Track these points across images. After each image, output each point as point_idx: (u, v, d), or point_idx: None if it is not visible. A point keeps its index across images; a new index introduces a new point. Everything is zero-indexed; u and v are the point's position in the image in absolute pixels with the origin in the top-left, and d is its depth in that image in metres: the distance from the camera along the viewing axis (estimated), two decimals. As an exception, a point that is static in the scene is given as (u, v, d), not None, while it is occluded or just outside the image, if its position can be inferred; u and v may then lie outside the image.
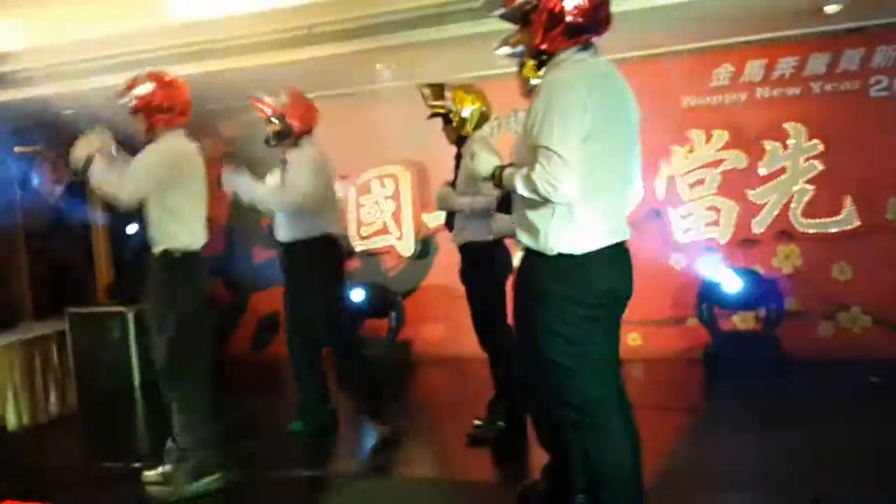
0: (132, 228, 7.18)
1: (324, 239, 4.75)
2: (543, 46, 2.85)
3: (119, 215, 6.18)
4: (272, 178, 4.81)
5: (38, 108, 6.38)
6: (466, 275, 4.59)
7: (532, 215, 2.87)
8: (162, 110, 4.04)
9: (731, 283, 5.90)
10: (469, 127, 4.46)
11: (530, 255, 2.92)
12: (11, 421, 5.82)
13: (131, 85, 4.08)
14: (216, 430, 4.14)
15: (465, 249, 4.56)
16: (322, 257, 4.78)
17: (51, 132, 6.60)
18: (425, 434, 5.03)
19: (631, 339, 6.32)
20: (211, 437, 4.12)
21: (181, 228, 4.07)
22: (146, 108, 4.03)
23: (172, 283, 4.07)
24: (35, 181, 5.21)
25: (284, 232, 4.79)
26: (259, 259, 7.51)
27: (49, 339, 6.40)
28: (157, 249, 4.07)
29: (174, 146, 4.07)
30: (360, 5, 4.89)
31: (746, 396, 5.22)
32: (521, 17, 2.88)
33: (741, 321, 6.16)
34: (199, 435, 4.08)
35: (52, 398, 6.35)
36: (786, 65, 5.96)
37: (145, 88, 4.03)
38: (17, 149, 7.30)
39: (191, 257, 4.10)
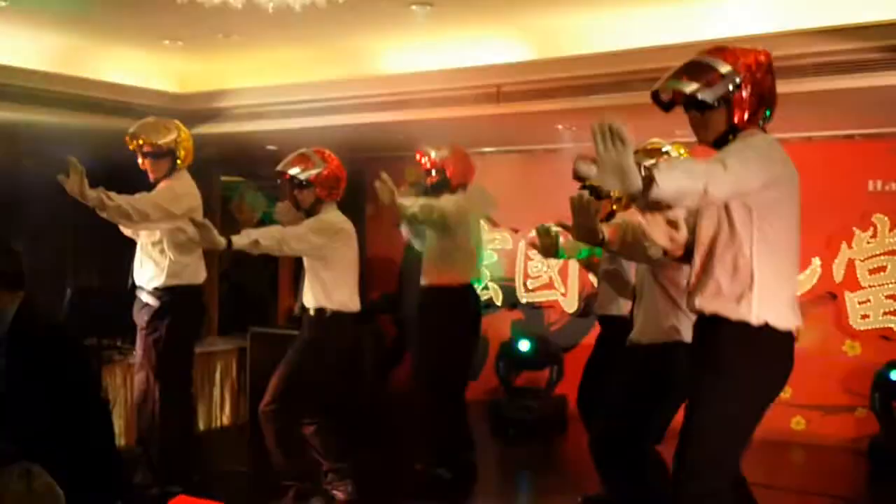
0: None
1: (466, 289, 5.04)
2: (741, 124, 2.81)
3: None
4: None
5: (244, 141, 6.99)
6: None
7: (734, 279, 2.78)
8: (327, 186, 4.46)
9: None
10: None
11: (715, 323, 2.82)
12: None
13: (303, 160, 4.49)
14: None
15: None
16: (462, 307, 5.06)
17: (253, 165, 7.22)
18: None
19: (795, 422, 6.13)
20: None
21: (337, 292, 4.50)
22: (317, 183, 4.44)
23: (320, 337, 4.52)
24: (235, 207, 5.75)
25: (426, 277, 5.09)
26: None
27: (230, 354, 6.94)
28: (312, 306, 4.49)
29: (335, 220, 4.51)
30: (547, 69, 5.12)
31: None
32: (719, 100, 2.80)
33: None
34: None
35: (227, 408, 6.86)
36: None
37: (320, 166, 4.44)
38: (222, 177, 8.02)
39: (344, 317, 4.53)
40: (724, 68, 2.79)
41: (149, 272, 4.68)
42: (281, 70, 6.01)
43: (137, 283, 4.73)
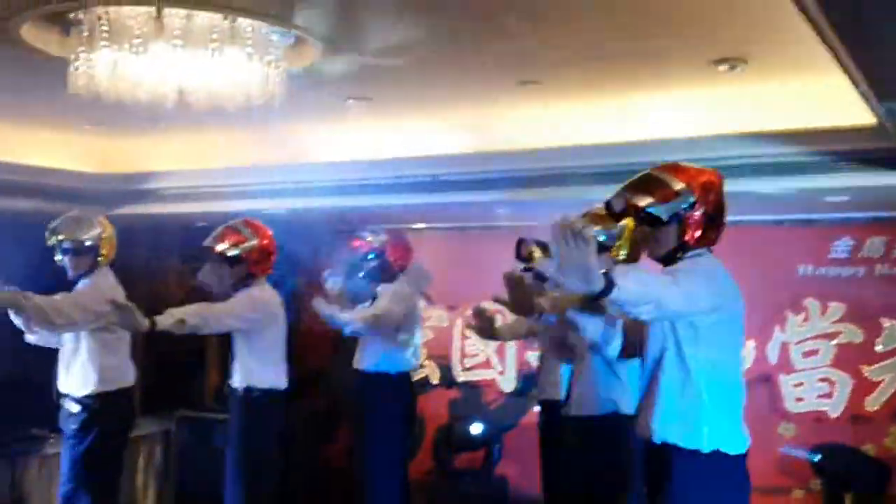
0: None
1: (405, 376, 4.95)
2: (692, 242, 2.83)
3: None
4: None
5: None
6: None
7: (682, 403, 2.76)
8: (259, 261, 4.34)
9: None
10: None
11: (665, 450, 2.79)
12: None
13: (232, 234, 4.34)
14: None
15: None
16: (402, 392, 4.98)
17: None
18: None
19: (731, 504, 6.11)
20: None
21: (265, 370, 4.38)
22: (248, 259, 4.30)
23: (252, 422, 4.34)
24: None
25: (367, 360, 4.98)
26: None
27: (154, 438, 6.67)
28: (240, 385, 4.32)
29: (267, 296, 4.44)
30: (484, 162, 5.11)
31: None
32: (671, 217, 2.81)
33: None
34: None
35: (150, 496, 6.57)
36: (908, 244, 5.85)
37: (252, 239, 4.30)
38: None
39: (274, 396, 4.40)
40: (678, 185, 2.80)
41: (75, 379, 4.43)
42: (212, 152, 5.87)
43: (62, 391, 4.47)
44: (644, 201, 2.80)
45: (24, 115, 5.36)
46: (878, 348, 5.83)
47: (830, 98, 4.11)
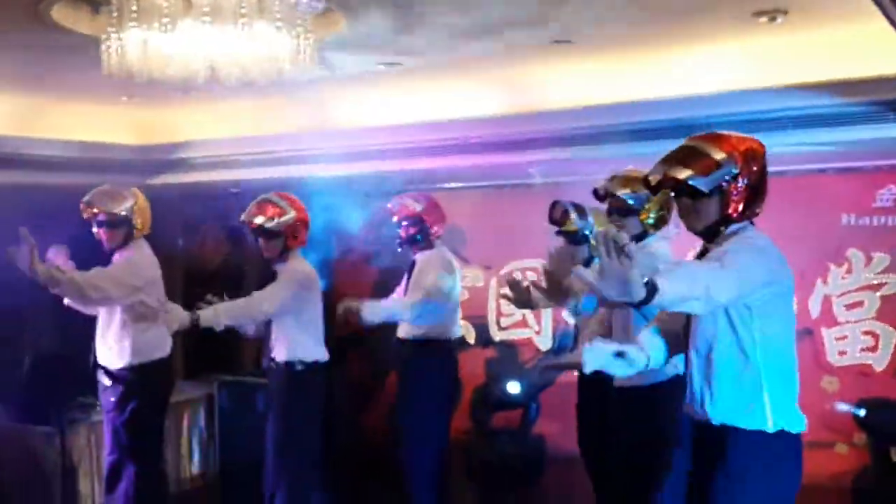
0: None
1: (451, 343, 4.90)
2: (735, 216, 2.74)
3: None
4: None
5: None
6: None
7: (742, 385, 2.71)
8: (295, 234, 4.32)
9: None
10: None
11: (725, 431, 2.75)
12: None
13: (270, 208, 4.31)
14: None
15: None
16: (448, 361, 4.92)
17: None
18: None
19: (772, 459, 6.09)
20: None
21: (306, 344, 4.40)
22: (287, 231, 4.29)
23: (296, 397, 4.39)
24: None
25: (413, 329, 4.88)
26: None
27: (198, 402, 6.76)
28: (283, 360, 4.33)
29: (306, 269, 4.44)
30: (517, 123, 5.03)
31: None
32: (713, 189, 2.71)
33: (896, 453, 5.84)
34: None
35: (196, 459, 6.68)
36: (955, 189, 5.71)
37: (289, 213, 4.28)
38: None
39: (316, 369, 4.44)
40: (719, 155, 2.69)
41: (112, 352, 4.48)
42: (244, 120, 5.85)
43: (100, 362, 4.53)
44: (684, 174, 2.69)
45: (60, 91, 5.37)
46: (925, 299, 5.73)
47: (872, 46, 4.00)
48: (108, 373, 4.49)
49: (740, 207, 2.72)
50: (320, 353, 4.48)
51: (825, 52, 4.28)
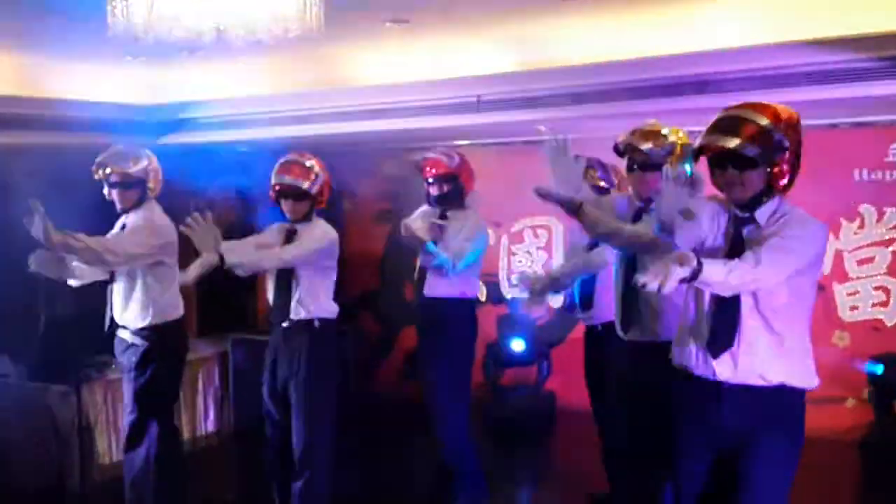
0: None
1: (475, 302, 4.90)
2: (779, 189, 2.74)
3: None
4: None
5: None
6: None
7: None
8: (322, 195, 4.31)
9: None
10: None
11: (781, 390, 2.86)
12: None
13: (302, 170, 4.28)
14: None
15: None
16: (471, 318, 4.92)
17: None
18: None
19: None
20: None
21: (323, 301, 4.38)
22: (317, 194, 4.27)
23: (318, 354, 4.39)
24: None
25: (442, 287, 4.82)
26: (410, 295, 7.71)
27: (211, 359, 6.83)
28: (304, 317, 4.33)
29: (329, 229, 4.37)
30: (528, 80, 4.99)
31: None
32: (762, 158, 2.67)
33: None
34: None
35: (211, 416, 6.77)
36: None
37: (321, 175, 4.26)
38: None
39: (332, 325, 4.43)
40: (764, 121, 2.66)
41: (132, 312, 4.49)
42: (253, 79, 5.82)
43: (120, 323, 4.54)
44: (733, 143, 2.64)
45: (66, 50, 5.34)
46: (937, 254, 5.71)
47: (886, 1, 3.93)
48: (131, 332, 4.51)
49: (785, 181, 2.71)
50: (334, 310, 4.47)
51: (839, 6, 4.21)
